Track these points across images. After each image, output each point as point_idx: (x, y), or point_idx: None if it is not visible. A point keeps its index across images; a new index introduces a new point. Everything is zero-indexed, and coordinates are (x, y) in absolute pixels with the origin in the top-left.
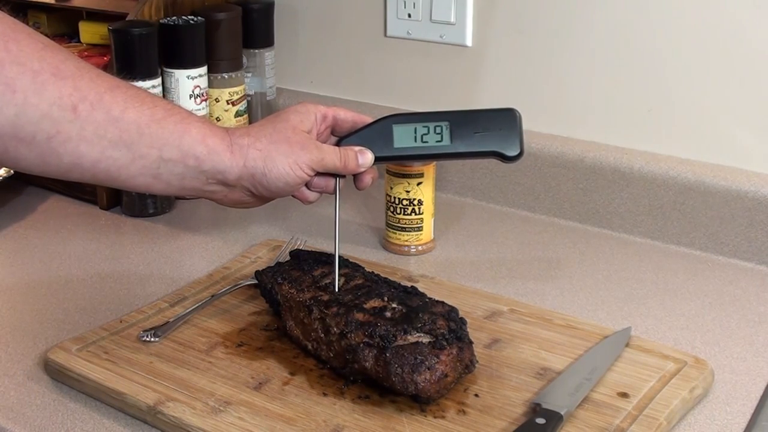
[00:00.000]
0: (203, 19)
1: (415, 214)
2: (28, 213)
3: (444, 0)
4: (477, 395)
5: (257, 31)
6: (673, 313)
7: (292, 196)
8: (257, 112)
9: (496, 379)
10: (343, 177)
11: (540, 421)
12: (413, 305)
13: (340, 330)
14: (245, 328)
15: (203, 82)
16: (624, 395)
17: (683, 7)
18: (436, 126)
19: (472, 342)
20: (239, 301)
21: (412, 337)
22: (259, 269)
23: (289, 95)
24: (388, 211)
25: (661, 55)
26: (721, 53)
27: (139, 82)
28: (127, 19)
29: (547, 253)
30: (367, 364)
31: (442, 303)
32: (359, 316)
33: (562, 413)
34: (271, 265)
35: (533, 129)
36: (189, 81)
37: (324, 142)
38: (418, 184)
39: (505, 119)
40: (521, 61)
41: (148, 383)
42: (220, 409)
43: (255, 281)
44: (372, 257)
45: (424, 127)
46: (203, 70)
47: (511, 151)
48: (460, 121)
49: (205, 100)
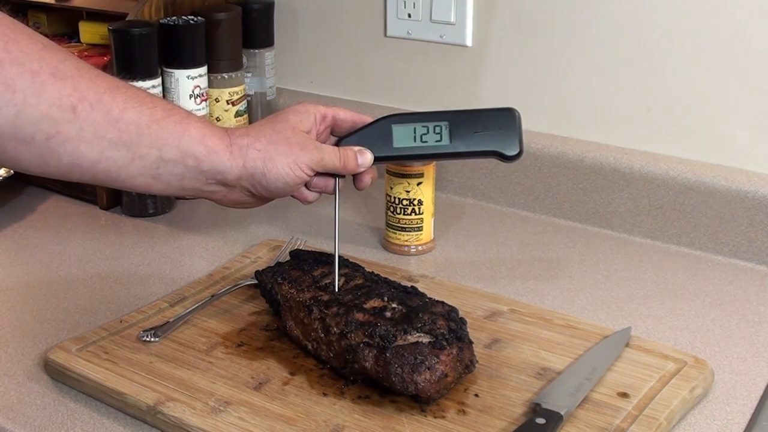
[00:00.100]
0: (203, 19)
1: (415, 214)
2: (28, 213)
3: (444, 0)
4: (477, 395)
5: (257, 31)
6: (673, 313)
7: (292, 197)
8: (257, 112)
9: (496, 379)
10: (342, 177)
11: (540, 421)
12: (413, 305)
13: (340, 330)
14: (245, 328)
15: (203, 82)
16: (624, 395)
17: (683, 7)
18: (436, 126)
19: (472, 342)
20: (239, 301)
21: (412, 337)
22: (259, 269)
23: (289, 95)
24: (388, 211)
25: (661, 55)
26: (721, 53)
27: (139, 82)
28: (127, 19)
29: (547, 253)
30: (367, 364)
31: (442, 303)
32: (359, 316)
33: (562, 413)
34: (271, 265)
35: (533, 129)
36: (189, 81)
37: (323, 142)
38: (418, 184)
39: (505, 119)
40: (521, 61)
41: (148, 383)
42: (220, 409)
43: (255, 281)
44: (372, 257)
45: (423, 126)
46: (203, 70)
47: (511, 151)
48: (459, 120)
49: (205, 100)
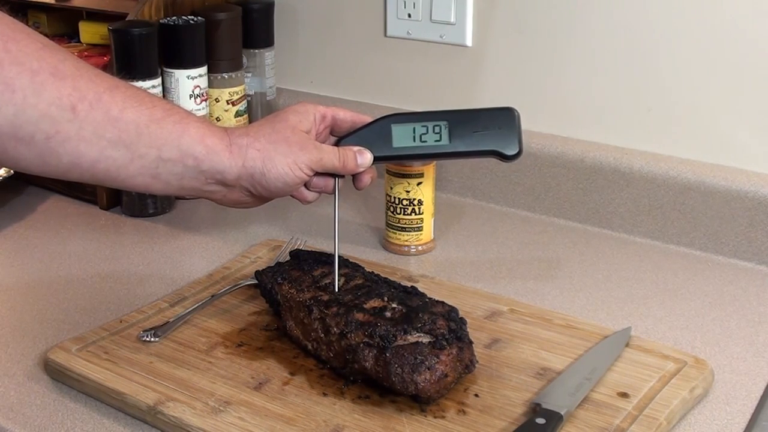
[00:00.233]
0: (203, 19)
1: (415, 214)
2: (28, 213)
3: (444, 0)
4: (477, 395)
5: (257, 31)
6: (673, 313)
7: (291, 196)
8: (257, 112)
9: (496, 379)
10: (342, 177)
11: (540, 421)
12: (413, 305)
13: (340, 330)
14: (245, 328)
15: (203, 82)
16: (624, 395)
17: (683, 7)
18: (435, 125)
19: (472, 342)
20: (239, 301)
21: (412, 337)
22: (259, 269)
23: (289, 95)
24: (388, 211)
25: (661, 55)
26: (721, 53)
27: (139, 82)
28: (127, 19)
29: (547, 253)
30: (367, 364)
31: (442, 303)
32: (359, 316)
33: (562, 413)
34: (271, 265)
35: (533, 129)
36: (189, 81)
37: (323, 142)
38: (418, 184)
39: (504, 118)
40: (521, 61)
41: (148, 383)
42: (220, 409)
43: (255, 281)
44: (372, 257)
45: (422, 126)
46: (203, 70)
47: (510, 150)
48: (458, 120)
49: (205, 100)
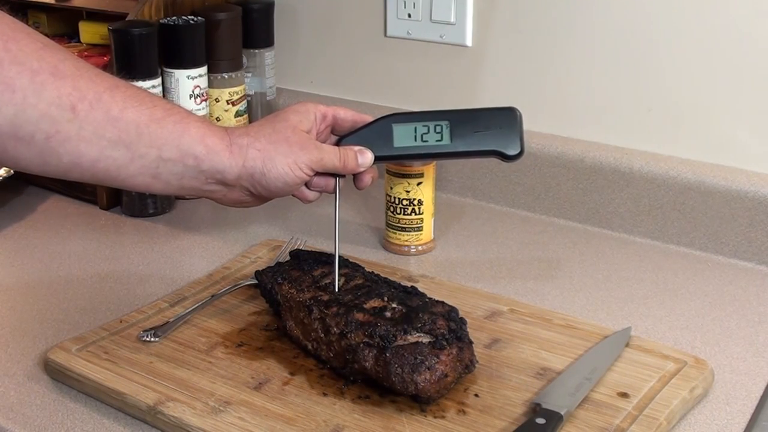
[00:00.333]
0: (203, 19)
1: (415, 214)
2: (28, 213)
3: (444, 0)
4: (477, 395)
5: (257, 31)
6: (673, 313)
7: (292, 195)
8: (257, 112)
9: (496, 379)
10: (342, 177)
11: (540, 421)
12: (413, 305)
13: (340, 330)
14: (245, 328)
15: (203, 82)
16: (624, 395)
17: (683, 7)
18: (436, 125)
19: (472, 342)
20: (239, 301)
21: (412, 337)
22: (259, 269)
23: (289, 95)
24: (388, 211)
25: (661, 55)
26: (721, 53)
27: (139, 82)
28: (127, 19)
29: (547, 253)
30: (367, 364)
31: (442, 303)
32: (359, 316)
33: (562, 413)
34: (271, 265)
35: (533, 129)
36: (189, 81)
37: (324, 142)
38: (418, 184)
39: (506, 118)
40: (521, 61)
41: (148, 383)
42: (220, 409)
43: (255, 281)
44: (372, 257)
45: (424, 126)
46: (203, 70)
47: (512, 150)
48: (460, 120)
49: (205, 100)
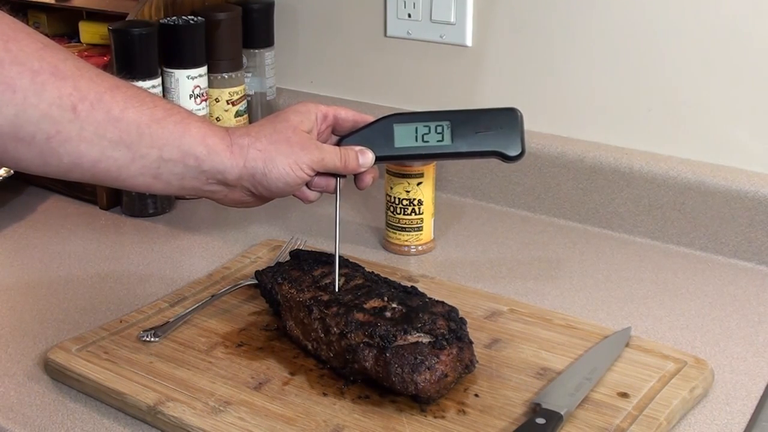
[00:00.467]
0: (203, 19)
1: (415, 214)
2: (28, 213)
3: (444, 0)
4: (477, 395)
5: (257, 31)
6: (673, 313)
7: (293, 196)
8: (257, 112)
9: (496, 379)
10: (343, 177)
11: (540, 421)
12: (413, 305)
13: (340, 330)
14: (245, 328)
15: (203, 82)
16: (624, 395)
17: (683, 7)
18: (437, 125)
19: (472, 342)
20: (239, 301)
21: (412, 337)
22: (259, 269)
23: (289, 95)
24: (388, 211)
25: (661, 55)
26: (721, 53)
27: (139, 82)
28: (127, 19)
29: (547, 253)
30: (367, 364)
31: (442, 303)
32: (359, 316)
33: (562, 413)
34: (271, 265)
35: (533, 129)
36: (189, 81)
37: (325, 142)
38: (418, 184)
39: (507, 119)
40: (521, 61)
41: (148, 383)
42: (220, 409)
43: (255, 281)
44: (372, 257)
45: (425, 126)
46: (203, 70)
47: (513, 151)
48: (461, 120)
49: (205, 100)
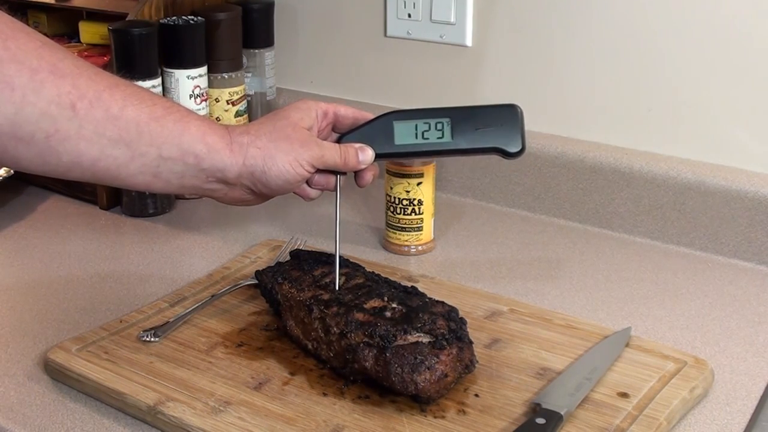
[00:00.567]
0: (203, 19)
1: (415, 214)
2: (28, 213)
3: (444, 0)
4: (477, 395)
5: (257, 31)
6: (673, 313)
7: (294, 193)
8: (257, 112)
9: (496, 379)
10: (343, 174)
11: (540, 421)
12: (413, 305)
13: (340, 330)
14: (245, 328)
15: (203, 82)
16: (624, 395)
17: (683, 7)
18: (437, 122)
19: (472, 342)
20: (239, 301)
21: (412, 337)
22: (260, 269)
23: (289, 95)
24: (388, 211)
25: (661, 55)
26: (721, 53)
27: (139, 82)
28: (127, 19)
29: (547, 253)
30: (367, 363)
31: (442, 303)
32: (359, 316)
33: (562, 413)
34: (271, 265)
35: (534, 129)
36: (189, 81)
37: (325, 140)
38: (418, 184)
39: (507, 115)
40: (521, 60)
41: (148, 383)
42: (220, 409)
43: (255, 281)
44: (372, 257)
45: (425, 123)
46: (203, 70)
47: (513, 148)
48: (461, 117)
49: (205, 100)
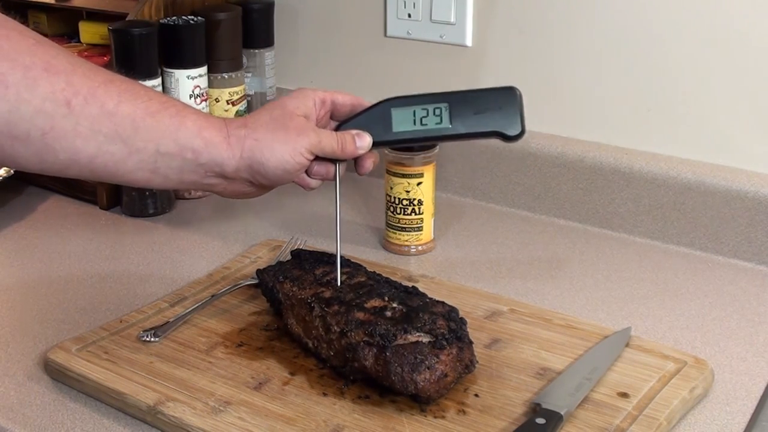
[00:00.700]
0: (203, 19)
1: (415, 214)
2: (28, 213)
3: (444, 0)
4: (477, 395)
5: (257, 31)
6: (673, 313)
7: (294, 182)
8: None
9: (496, 379)
10: (343, 162)
11: (540, 421)
12: (413, 305)
13: (340, 328)
14: (245, 328)
15: (203, 82)
16: (624, 395)
17: (683, 7)
18: (436, 108)
19: (472, 342)
20: (239, 301)
21: (412, 337)
22: (260, 268)
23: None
24: (388, 211)
25: (661, 55)
26: (721, 53)
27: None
28: (127, 19)
29: (547, 253)
30: (366, 363)
31: (442, 303)
32: (360, 315)
33: (562, 413)
34: (272, 264)
35: (534, 129)
36: (189, 81)
37: (324, 128)
38: (418, 184)
39: (505, 98)
40: (521, 61)
41: (148, 383)
42: (220, 409)
43: (255, 281)
44: (372, 257)
45: (423, 109)
46: (203, 70)
47: (513, 131)
48: (459, 101)
49: (205, 100)
